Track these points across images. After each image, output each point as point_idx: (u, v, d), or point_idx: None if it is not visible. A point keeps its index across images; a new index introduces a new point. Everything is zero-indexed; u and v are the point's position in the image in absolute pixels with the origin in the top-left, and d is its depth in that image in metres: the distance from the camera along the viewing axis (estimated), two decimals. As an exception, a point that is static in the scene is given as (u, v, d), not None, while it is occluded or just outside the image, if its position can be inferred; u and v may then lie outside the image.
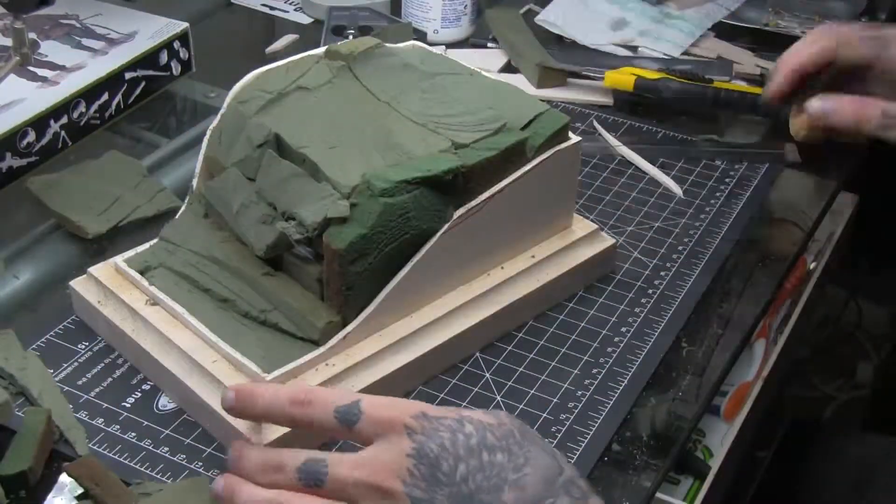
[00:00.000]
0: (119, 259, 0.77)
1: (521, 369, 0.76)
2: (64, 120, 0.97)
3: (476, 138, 0.74)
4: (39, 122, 0.94)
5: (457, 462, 0.54)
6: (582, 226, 0.83)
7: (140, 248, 0.78)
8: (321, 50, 0.82)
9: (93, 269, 0.77)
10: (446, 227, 0.72)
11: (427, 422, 0.56)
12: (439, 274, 0.74)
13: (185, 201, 0.81)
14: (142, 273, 0.76)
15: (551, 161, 0.77)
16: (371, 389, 0.70)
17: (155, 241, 0.79)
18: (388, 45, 0.83)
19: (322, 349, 0.70)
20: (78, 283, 0.78)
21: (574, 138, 0.78)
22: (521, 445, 0.55)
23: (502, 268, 0.79)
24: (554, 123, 0.77)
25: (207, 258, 0.76)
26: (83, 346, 0.77)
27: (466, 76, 0.81)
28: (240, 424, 0.66)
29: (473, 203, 0.73)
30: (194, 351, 0.70)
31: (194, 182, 0.80)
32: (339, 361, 0.70)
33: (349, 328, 0.71)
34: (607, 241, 0.84)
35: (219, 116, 0.79)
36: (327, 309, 0.71)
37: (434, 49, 0.86)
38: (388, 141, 0.73)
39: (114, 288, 0.76)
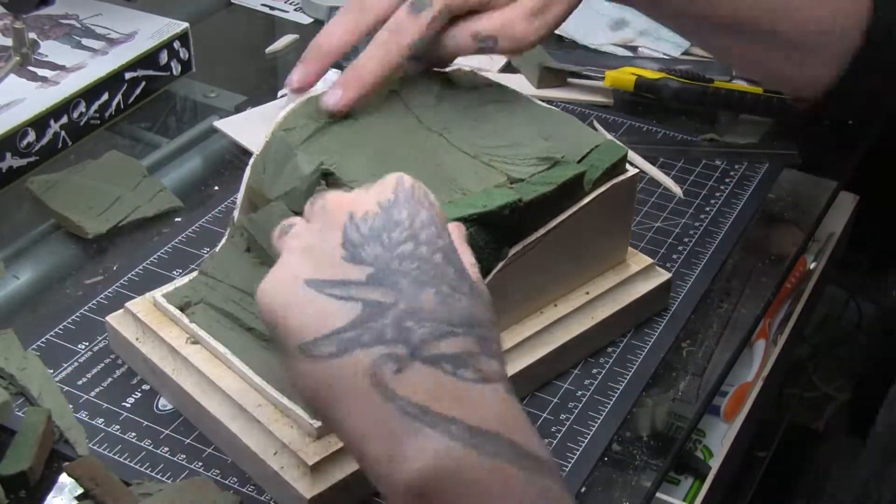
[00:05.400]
0: (157, 294, 0.74)
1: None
2: (64, 120, 0.97)
3: (532, 172, 0.70)
4: (39, 122, 0.94)
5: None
6: (637, 260, 0.80)
7: (179, 282, 0.75)
8: None
9: (130, 305, 0.74)
10: (500, 265, 0.68)
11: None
12: None
13: (226, 233, 0.76)
14: (181, 309, 0.72)
15: (608, 195, 0.73)
16: None
17: (194, 274, 0.75)
18: (436, 69, 0.79)
19: None
20: (114, 319, 0.75)
21: (631, 170, 0.75)
22: None
23: (555, 305, 0.75)
24: (612, 156, 0.73)
25: (251, 295, 0.71)
26: (83, 346, 0.77)
27: (519, 104, 0.77)
28: (287, 475, 0.64)
29: (528, 240, 0.70)
30: (238, 394, 0.67)
31: (235, 213, 0.76)
32: None
33: None
34: (662, 275, 0.81)
35: (263, 144, 0.74)
36: None
37: (483, 74, 0.81)
38: (439, 174, 0.69)
39: (152, 324, 0.72)
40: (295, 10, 1.28)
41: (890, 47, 0.85)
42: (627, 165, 0.75)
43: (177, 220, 0.91)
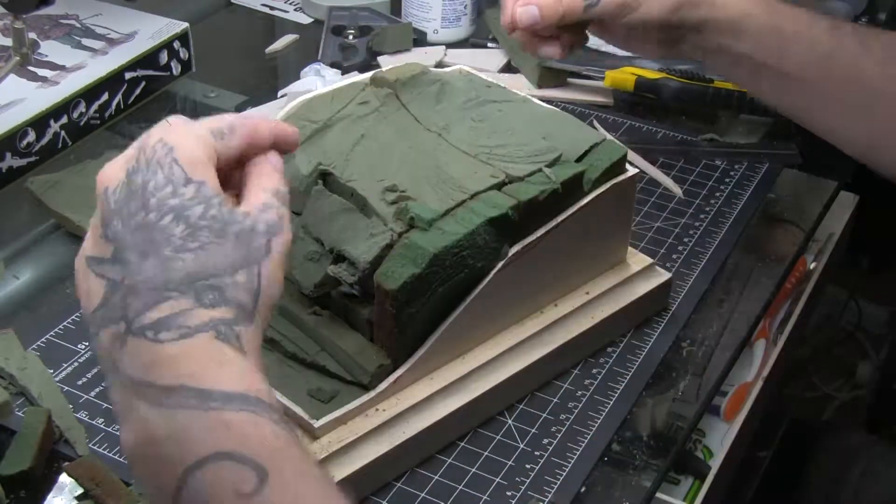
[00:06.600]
0: None
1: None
2: (64, 120, 0.97)
3: (530, 171, 0.70)
4: (39, 122, 0.94)
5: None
6: (637, 260, 0.80)
7: None
8: (367, 76, 0.79)
9: None
10: (500, 265, 0.68)
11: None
12: (492, 313, 0.71)
13: None
14: None
15: (608, 195, 0.73)
16: (423, 434, 0.68)
17: None
18: (435, 70, 0.79)
19: (372, 394, 0.67)
20: None
21: (631, 170, 0.75)
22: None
23: (556, 305, 0.75)
24: (611, 155, 0.73)
25: None
26: (83, 346, 0.77)
27: (518, 104, 0.78)
28: None
29: (529, 240, 0.69)
30: None
31: None
32: (390, 406, 0.67)
33: (399, 371, 0.67)
34: (662, 275, 0.81)
35: None
36: (377, 351, 0.67)
37: (482, 74, 0.82)
38: (438, 173, 0.69)
39: None
40: (295, 10, 1.28)
41: None
42: (627, 165, 0.75)
43: (177, 220, 0.90)
